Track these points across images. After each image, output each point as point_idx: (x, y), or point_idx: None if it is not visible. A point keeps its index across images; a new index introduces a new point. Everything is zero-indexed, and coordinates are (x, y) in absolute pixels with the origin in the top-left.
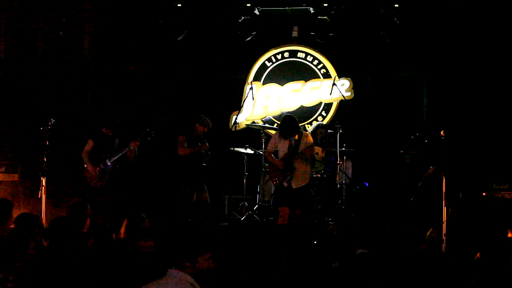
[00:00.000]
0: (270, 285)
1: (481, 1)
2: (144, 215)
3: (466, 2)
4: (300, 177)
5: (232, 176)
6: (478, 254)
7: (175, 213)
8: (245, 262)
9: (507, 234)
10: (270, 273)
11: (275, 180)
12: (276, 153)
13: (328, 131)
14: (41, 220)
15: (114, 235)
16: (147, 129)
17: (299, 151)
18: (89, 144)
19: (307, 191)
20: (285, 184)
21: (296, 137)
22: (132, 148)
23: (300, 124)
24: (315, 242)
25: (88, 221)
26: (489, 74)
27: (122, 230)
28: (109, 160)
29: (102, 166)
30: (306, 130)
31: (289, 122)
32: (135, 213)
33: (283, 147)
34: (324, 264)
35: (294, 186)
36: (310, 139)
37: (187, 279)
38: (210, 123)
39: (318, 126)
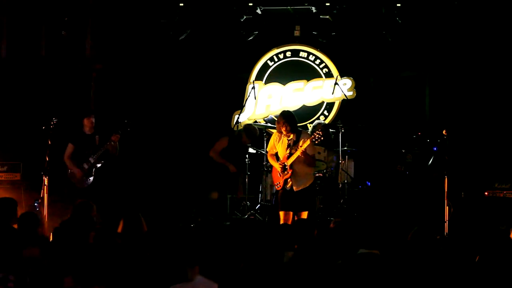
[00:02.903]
0: (272, 284)
1: (481, 1)
2: (141, 216)
3: (466, 2)
4: (302, 179)
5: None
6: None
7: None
8: (247, 261)
9: (509, 234)
10: (272, 272)
11: (277, 184)
12: (277, 154)
13: (331, 130)
14: (43, 219)
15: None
16: (125, 121)
17: (297, 151)
18: (70, 148)
19: (310, 193)
20: (287, 188)
21: (294, 136)
22: (113, 141)
23: (302, 124)
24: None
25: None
26: (491, 73)
27: (119, 230)
28: (93, 158)
29: (86, 166)
30: (308, 130)
31: (287, 118)
32: (132, 213)
33: (281, 148)
34: (327, 262)
35: (295, 188)
36: (309, 140)
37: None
38: (256, 132)
39: (317, 125)
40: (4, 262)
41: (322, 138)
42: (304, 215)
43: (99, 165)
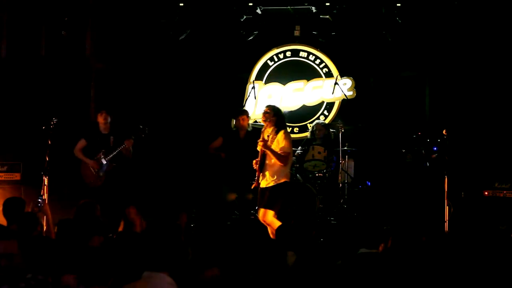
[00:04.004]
0: (273, 284)
1: (481, 1)
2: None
3: (466, 2)
4: (268, 176)
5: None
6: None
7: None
8: (247, 261)
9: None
10: (272, 272)
11: (256, 181)
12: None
13: (331, 130)
14: (48, 216)
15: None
16: (140, 127)
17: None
18: (81, 143)
19: (276, 193)
20: (259, 185)
21: (272, 132)
22: (126, 146)
23: (301, 124)
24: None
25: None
26: (491, 73)
27: (120, 230)
28: (105, 159)
29: (98, 163)
30: (308, 129)
31: (274, 109)
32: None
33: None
34: (328, 262)
35: (262, 185)
36: (281, 135)
37: (167, 280)
38: (241, 112)
39: (317, 125)
40: (40, 264)
41: (264, 118)
42: (269, 214)
43: (110, 167)
